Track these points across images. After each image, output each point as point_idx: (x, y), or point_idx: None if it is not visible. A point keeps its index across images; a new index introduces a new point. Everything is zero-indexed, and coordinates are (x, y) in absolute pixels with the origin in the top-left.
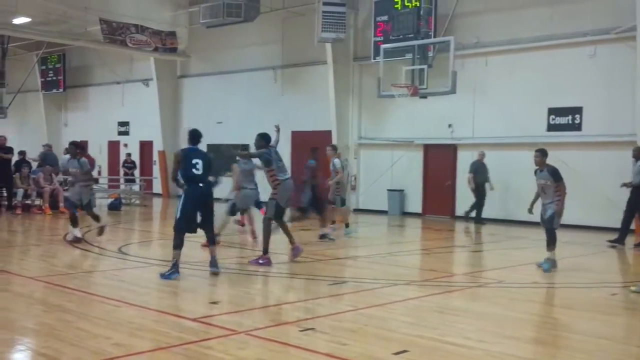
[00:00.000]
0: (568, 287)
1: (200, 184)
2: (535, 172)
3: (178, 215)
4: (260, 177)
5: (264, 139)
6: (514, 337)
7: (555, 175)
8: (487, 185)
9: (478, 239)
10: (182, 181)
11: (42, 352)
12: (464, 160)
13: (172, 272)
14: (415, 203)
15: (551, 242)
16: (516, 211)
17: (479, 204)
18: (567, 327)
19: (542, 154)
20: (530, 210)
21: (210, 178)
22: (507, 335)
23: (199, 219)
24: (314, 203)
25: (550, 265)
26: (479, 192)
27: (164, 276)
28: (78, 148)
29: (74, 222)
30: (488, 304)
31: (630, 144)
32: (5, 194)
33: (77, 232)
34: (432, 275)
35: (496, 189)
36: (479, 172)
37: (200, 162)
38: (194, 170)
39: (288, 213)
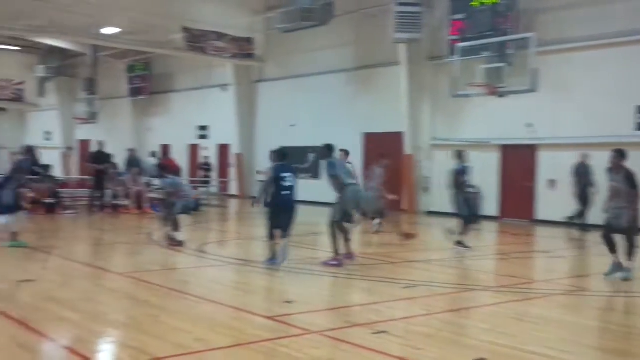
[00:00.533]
0: None
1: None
2: (610, 171)
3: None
4: None
5: (328, 149)
6: (599, 348)
7: (630, 180)
8: (590, 189)
9: (563, 245)
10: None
11: (130, 345)
12: (544, 162)
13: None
14: (491, 206)
15: (632, 250)
16: (601, 215)
17: (583, 209)
18: None
19: (619, 155)
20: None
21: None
22: (591, 345)
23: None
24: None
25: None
26: (583, 196)
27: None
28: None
29: (176, 226)
30: (571, 312)
31: None
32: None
33: (180, 236)
34: (510, 281)
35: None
36: (582, 175)
37: (288, 175)
38: (282, 182)
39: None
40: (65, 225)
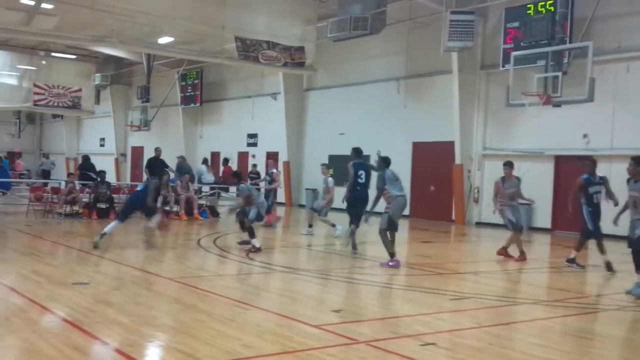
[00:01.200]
0: None
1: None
2: (628, 181)
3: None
4: None
5: (384, 161)
6: None
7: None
8: None
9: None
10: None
11: (179, 349)
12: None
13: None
14: (544, 218)
15: None
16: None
17: None
18: None
19: (636, 162)
20: (615, 222)
21: None
22: None
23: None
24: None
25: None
26: None
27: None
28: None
29: (252, 234)
30: (628, 329)
31: None
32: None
33: (257, 243)
34: (563, 295)
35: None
36: None
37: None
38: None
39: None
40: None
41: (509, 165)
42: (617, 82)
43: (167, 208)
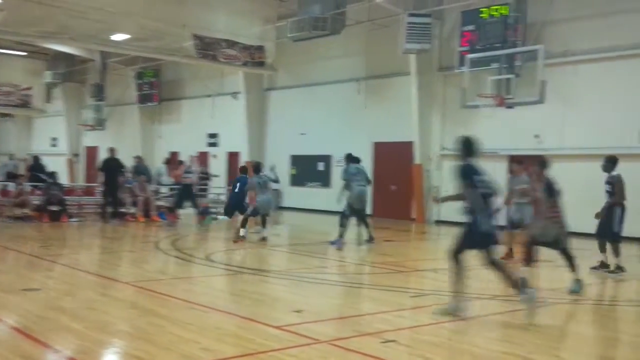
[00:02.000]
0: None
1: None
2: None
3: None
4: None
5: (348, 158)
6: (610, 358)
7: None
8: None
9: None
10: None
11: (136, 355)
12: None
13: None
14: (500, 215)
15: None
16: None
17: None
18: None
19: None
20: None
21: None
22: (602, 355)
23: None
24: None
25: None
26: None
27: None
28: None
29: (244, 224)
30: (579, 322)
31: None
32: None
33: (243, 232)
34: None
35: (584, 202)
36: None
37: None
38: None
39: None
40: (71, 233)
41: (517, 162)
42: (566, 84)
43: (123, 210)
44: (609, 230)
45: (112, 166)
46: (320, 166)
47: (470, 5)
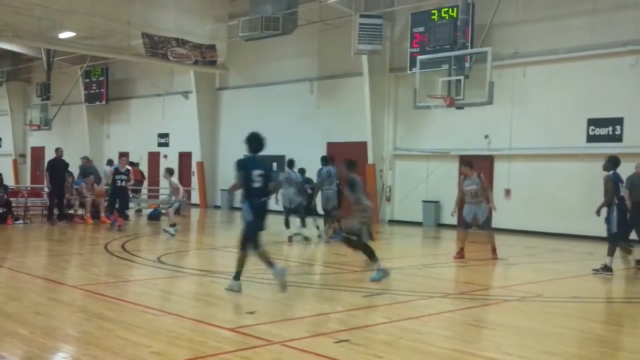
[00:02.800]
0: (610, 302)
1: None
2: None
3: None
4: None
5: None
6: (555, 353)
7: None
8: None
9: (519, 252)
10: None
11: None
12: (501, 172)
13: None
14: (450, 214)
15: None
16: (557, 224)
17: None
18: (609, 343)
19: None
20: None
21: None
22: (547, 350)
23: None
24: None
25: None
26: (636, 211)
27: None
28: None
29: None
30: (527, 318)
31: None
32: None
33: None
34: (469, 288)
35: (532, 201)
36: (636, 187)
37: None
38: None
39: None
40: (16, 236)
41: (467, 164)
42: (514, 85)
43: (71, 211)
44: (607, 231)
45: (59, 167)
46: (274, 166)
47: (420, 7)
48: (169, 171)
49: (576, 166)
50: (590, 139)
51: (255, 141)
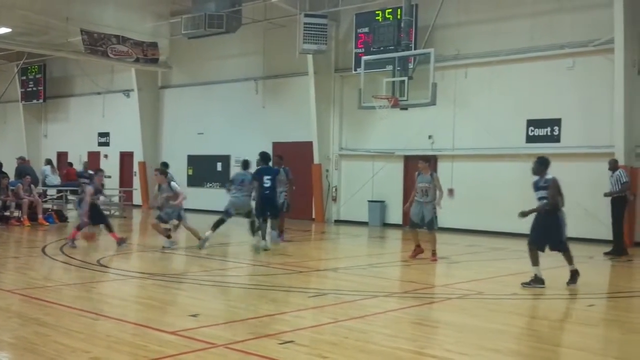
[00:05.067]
0: (547, 299)
1: None
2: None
3: None
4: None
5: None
6: (495, 350)
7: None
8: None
9: (460, 251)
10: None
11: None
12: (444, 171)
13: None
14: (396, 214)
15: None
16: (496, 222)
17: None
18: (547, 339)
19: (424, 161)
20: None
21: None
22: (487, 347)
23: None
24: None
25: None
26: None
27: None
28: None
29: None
30: (468, 315)
31: (607, 156)
32: None
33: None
34: (412, 286)
35: (474, 200)
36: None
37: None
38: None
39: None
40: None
41: (424, 160)
42: (456, 86)
43: (7, 213)
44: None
45: None
46: (219, 166)
47: (363, 7)
48: (161, 171)
49: (516, 166)
50: (530, 139)
51: (264, 156)
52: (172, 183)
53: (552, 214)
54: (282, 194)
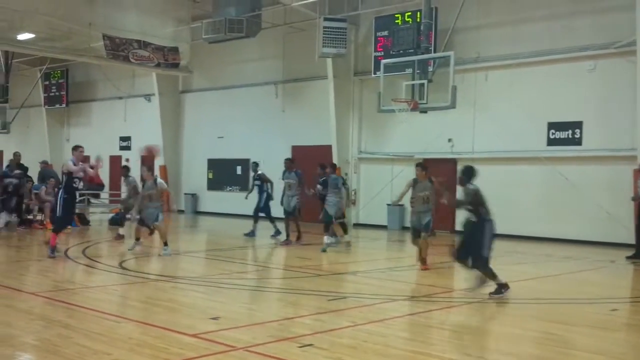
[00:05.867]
0: (568, 303)
1: None
2: (283, 173)
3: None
4: None
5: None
6: (514, 354)
7: (299, 177)
8: None
9: None
10: None
11: None
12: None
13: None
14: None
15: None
16: (517, 226)
17: None
18: (567, 343)
19: (422, 168)
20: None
21: None
22: (507, 352)
23: None
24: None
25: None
26: None
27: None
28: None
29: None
30: (488, 320)
31: (629, 159)
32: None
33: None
34: (432, 290)
35: (494, 203)
36: None
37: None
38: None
39: None
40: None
41: (421, 167)
42: (476, 89)
43: (30, 217)
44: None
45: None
46: (239, 170)
47: (383, 11)
48: (126, 169)
49: (537, 169)
50: (551, 142)
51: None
52: (159, 180)
53: (478, 224)
54: (294, 198)
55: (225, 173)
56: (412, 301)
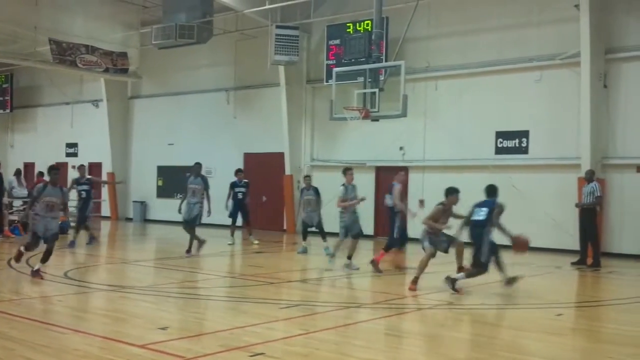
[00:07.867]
0: (515, 309)
1: None
2: (302, 191)
3: None
4: None
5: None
6: (463, 359)
7: (318, 193)
8: None
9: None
10: None
11: None
12: (415, 182)
13: None
14: (367, 225)
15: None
16: (464, 232)
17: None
18: (515, 348)
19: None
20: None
21: None
22: (456, 357)
23: None
24: None
25: None
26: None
27: None
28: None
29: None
30: (438, 325)
31: (574, 167)
32: None
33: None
34: (384, 297)
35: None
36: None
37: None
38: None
39: None
40: None
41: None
42: (427, 98)
43: None
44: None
45: None
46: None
47: (335, 19)
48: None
49: (485, 177)
50: (499, 150)
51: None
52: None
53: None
54: (197, 206)
55: (176, 180)
56: (363, 308)
